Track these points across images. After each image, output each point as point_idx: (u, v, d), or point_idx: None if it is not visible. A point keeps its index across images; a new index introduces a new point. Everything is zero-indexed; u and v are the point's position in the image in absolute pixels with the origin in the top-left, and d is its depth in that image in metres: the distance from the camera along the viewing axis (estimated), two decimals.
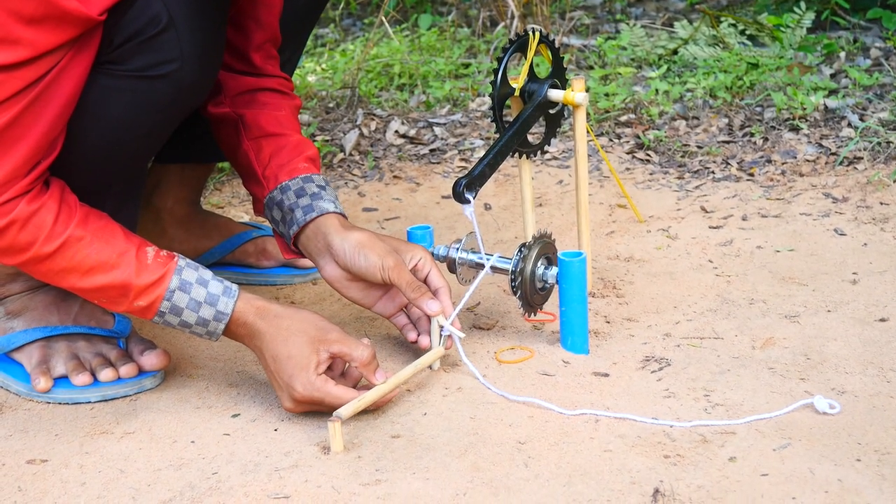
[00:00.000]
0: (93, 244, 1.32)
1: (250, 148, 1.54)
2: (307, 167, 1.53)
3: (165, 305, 1.35)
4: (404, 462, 1.25)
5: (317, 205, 1.50)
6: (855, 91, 2.53)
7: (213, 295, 1.36)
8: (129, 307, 1.35)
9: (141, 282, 1.33)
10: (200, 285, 1.36)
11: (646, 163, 2.32)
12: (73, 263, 1.32)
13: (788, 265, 1.78)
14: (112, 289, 1.33)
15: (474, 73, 2.97)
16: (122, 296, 1.34)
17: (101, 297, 1.35)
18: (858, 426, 1.27)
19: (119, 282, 1.33)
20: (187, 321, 1.36)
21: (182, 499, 1.21)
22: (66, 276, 1.32)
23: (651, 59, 2.92)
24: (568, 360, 1.49)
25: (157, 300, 1.35)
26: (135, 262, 1.33)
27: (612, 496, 1.16)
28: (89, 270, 1.32)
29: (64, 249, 1.31)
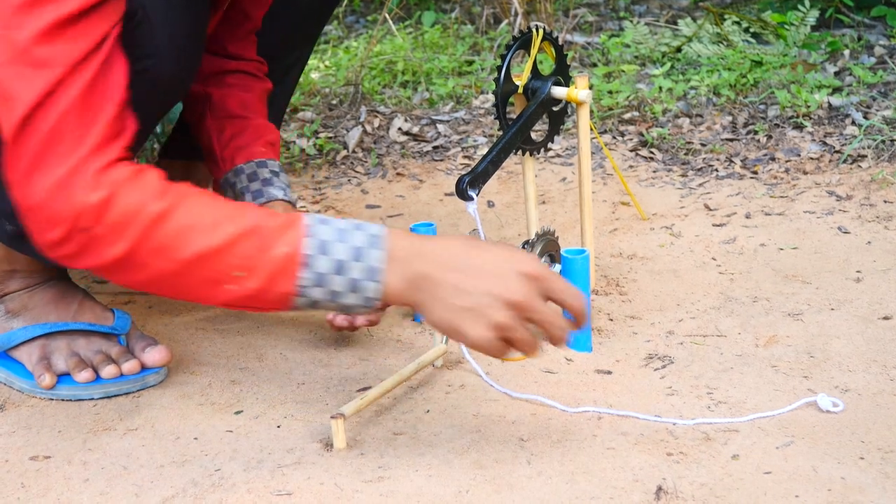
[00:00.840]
0: (205, 198, 1.16)
1: (213, 128, 1.55)
2: (264, 151, 1.54)
3: (311, 245, 1.13)
4: (407, 459, 1.25)
5: (266, 191, 1.51)
6: (859, 89, 2.52)
7: (358, 222, 1.18)
8: (272, 266, 1.13)
9: (273, 223, 1.15)
10: (336, 221, 1.17)
11: (649, 160, 2.32)
12: (193, 218, 1.14)
13: (792, 263, 1.78)
14: (246, 239, 1.13)
15: (478, 71, 2.96)
16: (260, 249, 1.13)
17: (236, 257, 1.13)
18: (862, 424, 1.27)
19: (251, 225, 1.14)
20: (341, 260, 1.14)
21: (185, 495, 1.21)
22: (189, 237, 1.13)
23: (655, 57, 2.92)
24: (571, 358, 1.48)
25: (299, 240, 1.13)
26: (258, 209, 1.18)
27: (614, 494, 1.16)
28: (214, 224, 1.14)
29: (179, 203, 1.14)
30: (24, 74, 1.11)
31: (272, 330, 1.65)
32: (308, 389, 1.45)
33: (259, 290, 1.14)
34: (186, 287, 1.16)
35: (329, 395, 1.42)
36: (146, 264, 1.14)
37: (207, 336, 1.64)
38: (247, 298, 1.15)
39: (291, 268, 1.14)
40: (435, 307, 1.15)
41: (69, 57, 1.12)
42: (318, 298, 1.15)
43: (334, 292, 1.14)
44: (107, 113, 1.15)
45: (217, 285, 1.15)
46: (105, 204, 1.11)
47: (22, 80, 1.11)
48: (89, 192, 1.11)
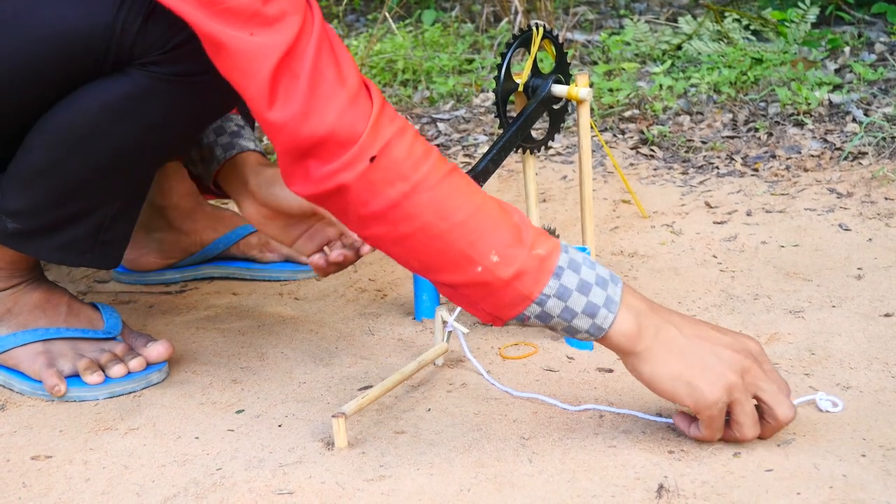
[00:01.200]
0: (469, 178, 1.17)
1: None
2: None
3: (563, 258, 1.14)
4: (408, 458, 1.25)
5: (236, 143, 1.49)
6: (860, 86, 2.52)
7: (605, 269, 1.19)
8: (526, 263, 1.13)
9: (535, 228, 1.16)
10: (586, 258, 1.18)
11: (650, 158, 2.31)
12: (473, 187, 1.15)
13: (793, 260, 1.78)
14: (513, 227, 1.14)
15: (478, 69, 2.96)
16: (521, 242, 1.13)
17: (499, 240, 1.13)
18: (863, 421, 1.27)
19: (519, 218, 1.16)
20: (587, 282, 1.14)
21: (186, 495, 1.21)
22: (469, 201, 1.13)
23: (655, 55, 2.91)
24: (572, 356, 1.48)
25: (556, 250, 1.15)
26: (515, 208, 1.18)
27: (616, 492, 1.16)
28: (486, 201, 1.15)
29: (458, 171, 1.16)
30: (265, 34, 1.10)
31: (273, 329, 1.65)
32: (309, 388, 1.45)
33: (504, 281, 1.13)
34: (439, 255, 1.14)
35: (330, 394, 1.42)
36: (416, 215, 1.13)
37: (208, 335, 1.64)
38: (485, 286, 1.14)
39: (542, 272, 1.14)
40: (668, 358, 1.16)
41: (296, 5, 1.12)
42: (551, 312, 1.15)
43: (570, 310, 1.15)
44: (345, 51, 1.15)
45: (468, 263, 1.13)
46: (397, 137, 1.12)
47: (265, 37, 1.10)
48: (383, 121, 1.12)
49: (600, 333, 1.17)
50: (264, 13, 1.11)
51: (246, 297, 1.78)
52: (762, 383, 1.17)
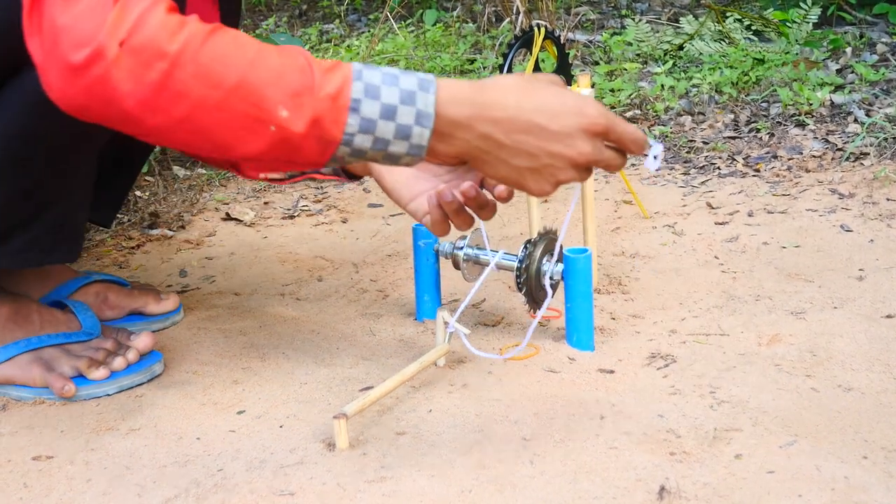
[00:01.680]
0: (238, 32, 1.07)
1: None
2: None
3: (359, 88, 1.05)
4: (409, 459, 1.25)
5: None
6: (861, 86, 2.52)
7: (410, 71, 1.10)
8: (319, 107, 1.04)
9: (320, 62, 1.06)
10: (383, 68, 1.09)
11: None
12: (239, 43, 1.05)
13: (794, 261, 1.78)
14: (294, 72, 1.04)
15: (479, 69, 2.96)
16: (307, 87, 1.04)
17: (283, 91, 1.04)
18: (865, 423, 1.27)
19: (298, 60, 1.06)
20: (390, 104, 1.06)
21: (187, 496, 1.21)
22: (235, 61, 1.03)
23: (656, 55, 2.91)
24: (573, 357, 1.48)
25: (347, 82, 1.05)
26: (298, 48, 1.08)
27: (617, 493, 1.15)
28: (260, 52, 1.05)
29: (221, 29, 1.05)
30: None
31: (274, 329, 1.65)
32: (310, 389, 1.44)
33: (301, 135, 1.05)
34: (227, 129, 1.05)
35: (331, 395, 1.42)
36: (186, 92, 1.03)
37: (210, 335, 1.64)
38: (289, 142, 1.06)
39: (338, 111, 1.05)
40: (498, 166, 1.11)
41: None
42: (362, 147, 1.07)
43: (381, 140, 1.07)
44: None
45: (258, 125, 1.05)
46: (143, 16, 1.02)
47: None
48: (129, 5, 1.02)
49: (422, 152, 1.08)
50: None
51: (247, 297, 1.78)
52: (598, 164, 1.13)
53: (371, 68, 1.08)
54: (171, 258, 2.01)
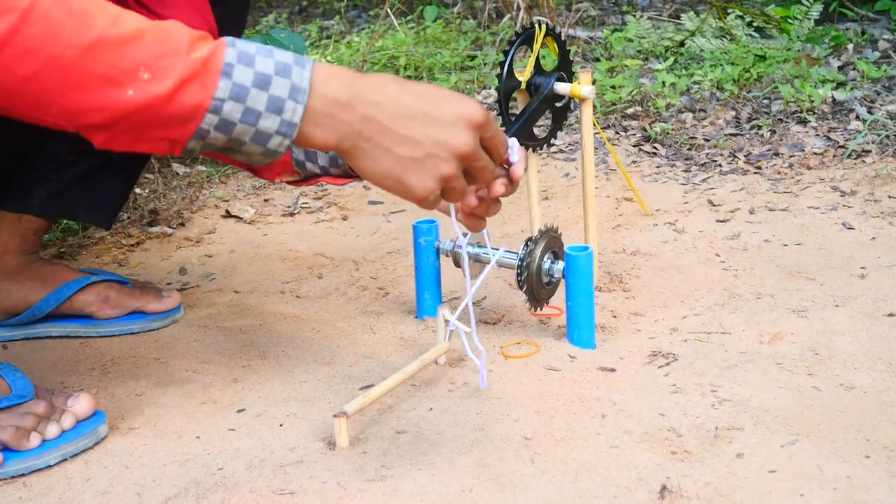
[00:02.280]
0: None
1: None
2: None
3: (233, 54, 0.99)
4: (410, 458, 1.24)
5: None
6: (863, 83, 2.51)
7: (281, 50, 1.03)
8: (185, 69, 0.97)
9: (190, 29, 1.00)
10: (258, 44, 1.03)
11: (652, 156, 2.31)
12: (97, 3, 0.97)
13: (796, 259, 1.77)
14: (158, 36, 0.97)
15: (480, 66, 2.96)
16: (173, 51, 0.97)
17: (145, 53, 0.96)
18: (867, 422, 1.26)
19: (166, 25, 0.99)
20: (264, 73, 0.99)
21: (187, 495, 1.20)
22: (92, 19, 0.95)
23: (658, 51, 2.91)
24: (574, 355, 1.48)
25: (220, 47, 0.99)
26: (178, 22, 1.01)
27: (618, 492, 1.15)
28: (121, 14, 0.97)
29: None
30: None
31: (274, 327, 1.64)
32: (310, 388, 1.44)
33: (163, 98, 0.97)
34: (77, 89, 0.96)
35: (331, 394, 1.42)
36: (35, 49, 0.94)
37: (209, 333, 1.63)
38: (149, 109, 0.97)
39: (208, 74, 0.98)
40: (380, 157, 1.04)
41: None
42: (231, 117, 0.99)
43: (252, 111, 0.99)
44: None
45: (114, 86, 0.96)
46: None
47: None
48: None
49: (293, 131, 1.01)
50: None
51: (247, 295, 1.78)
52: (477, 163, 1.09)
53: (246, 42, 1.02)
54: (171, 256, 2.01)
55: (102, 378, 1.51)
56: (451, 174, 1.07)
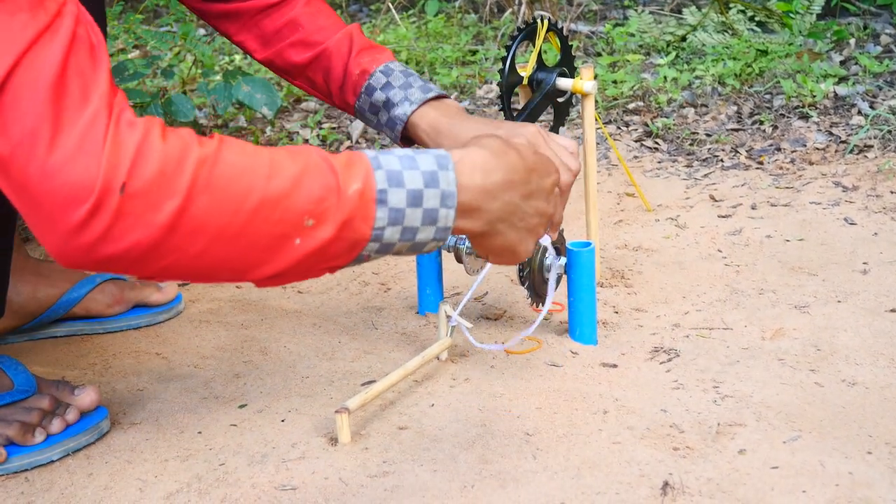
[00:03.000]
0: (246, 142, 0.96)
1: (354, 64, 1.42)
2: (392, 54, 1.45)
3: (382, 177, 0.97)
4: (412, 453, 1.24)
5: (432, 85, 1.41)
6: (865, 78, 2.51)
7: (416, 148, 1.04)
8: (346, 208, 0.94)
9: (336, 157, 0.97)
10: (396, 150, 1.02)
11: (654, 151, 2.30)
12: (247, 158, 0.92)
13: (798, 255, 1.77)
14: (312, 176, 0.94)
15: (481, 60, 2.95)
16: (329, 188, 0.94)
17: (306, 200, 0.93)
18: (869, 418, 1.26)
19: (314, 161, 0.95)
20: (416, 190, 0.98)
21: (189, 490, 1.20)
22: (250, 180, 0.91)
23: (659, 46, 2.90)
24: (576, 351, 1.48)
25: (369, 173, 0.96)
26: (308, 146, 0.98)
27: (621, 489, 1.15)
28: (272, 163, 0.93)
29: (225, 143, 0.93)
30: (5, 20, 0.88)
31: (276, 323, 1.64)
32: (312, 383, 1.44)
33: (331, 239, 0.95)
34: (249, 252, 0.93)
35: (333, 389, 1.42)
36: (203, 226, 0.90)
37: (211, 329, 1.63)
38: (316, 253, 0.96)
39: (367, 207, 0.96)
40: (507, 233, 1.08)
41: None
42: (391, 240, 0.99)
43: (411, 228, 0.99)
44: (105, 55, 0.92)
45: (285, 241, 0.94)
46: (141, 150, 0.87)
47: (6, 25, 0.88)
48: (121, 140, 0.87)
49: (447, 234, 1.03)
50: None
51: (248, 290, 1.78)
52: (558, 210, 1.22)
53: (385, 153, 1.00)
54: None
55: (104, 373, 1.51)
56: (541, 233, 1.14)
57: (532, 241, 1.12)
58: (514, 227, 1.08)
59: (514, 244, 1.10)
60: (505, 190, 1.05)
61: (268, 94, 2.26)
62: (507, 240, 1.09)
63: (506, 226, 1.07)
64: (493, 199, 1.04)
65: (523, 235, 1.10)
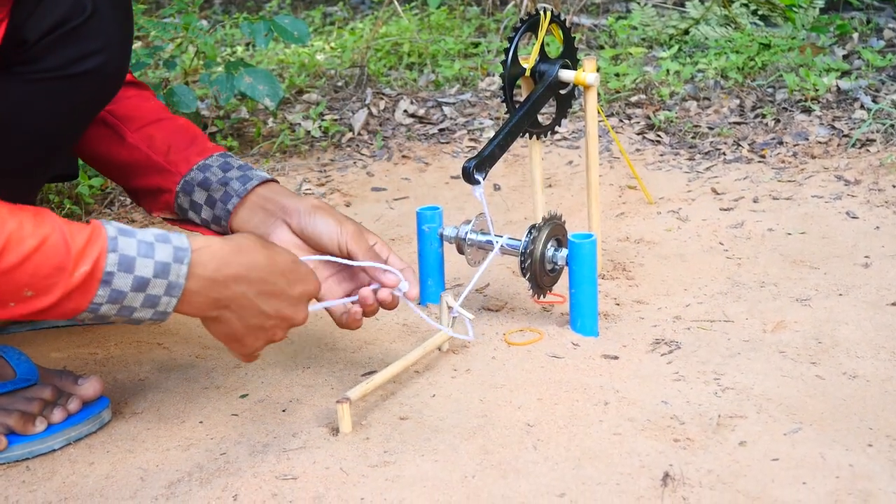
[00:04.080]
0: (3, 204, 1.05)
1: (138, 140, 1.41)
2: (215, 146, 1.44)
3: (113, 261, 1.06)
4: (413, 444, 1.25)
5: (253, 174, 1.40)
6: (868, 72, 2.51)
7: (166, 234, 1.12)
8: (69, 286, 1.05)
9: (76, 236, 1.05)
10: (139, 234, 1.10)
11: (656, 144, 2.30)
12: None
13: (800, 248, 1.77)
14: (44, 255, 1.03)
15: (484, 53, 2.95)
16: (59, 268, 1.04)
17: (31, 276, 1.03)
18: (870, 411, 1.26)
19: (52, 239, 1.04)
20: (142, 277, 1.08)
21: (190, 479, 1.20)
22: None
23: (662, 39, 2.90)
24: (577, 343, 1.48)
25: (101, 256, 1.06)
26: (57, 219, 1.07)
27: (621, 479, 1.15)
28: (11, 238, 1.03)
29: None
30: None
31: None
32: (313, 373, 1.44)
33: (46, 307, 1.06)
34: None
35: (334, 380, 1.42)
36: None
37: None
38: (28, 315, 1.07)
39: (89, 286, 1.07)
40: (232, 323, 1.17)
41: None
42: (107, 314, 1.10)
43: (128, 308, 1.10)
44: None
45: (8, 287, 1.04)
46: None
47: None
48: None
49: (165, 317, 1.13)
50: None
51: None
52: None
53: (128, 234, 1.09)
54: None
55: (106, 363, 1.51)
56: (282, 338, 1.23)
57: (262, 339, 1.21)
58: (242, 319, 1.17)
59: (239, 335, 1.19)
60: (237, 283, 1.14)
61: (270, 85, 2.26)
62: (231, 329, 1.18)
63: (233, 316, 1.17)
64: (223, 289, 1.14)
65: (252, 331, 1.19)
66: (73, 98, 1.21)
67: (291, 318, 1.21)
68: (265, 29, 2.28)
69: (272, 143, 2.44)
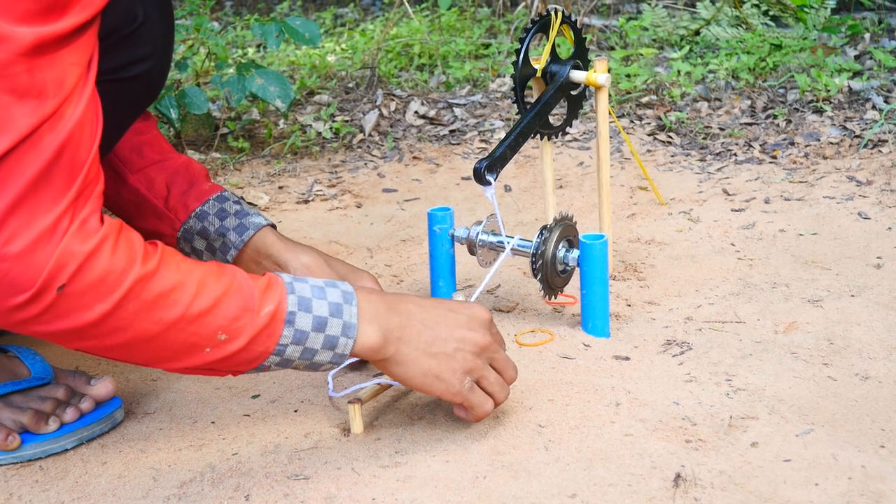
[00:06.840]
0: (184, 257, 1.10)
1: (138, 182, 1.43)
2: (212, 186, 1.44)
3: (294, 301, 1.11)
4: (424, 444, 1.25)
5: (249, 222, 1.42)
6: (880, 73, 2.50)
7: (329, 280, 1.17)
8: (257, 326, 1.09)
9: (256, 281, 1.11)
10: (309, 279, 1.15)
11: (667, 144, 2.30)
12: (180, 276, 1.06)
13: (811, 249, 1.77)
14: (231, 298, 1.08)
15: (494, 54, 2.95)
16: (246, 308, 1.08)
17: (222, 318, 1.08)
18: (882, 412, 1.26)
19: (236, 284, 1.09)
20: (321, 317, 1.12)
21: (202, 479, 1.21)
22: (177, 297, 1.05)
23: (673, 40, 2.90)
24: (588, 344, 1.48)
25: (283, 296, 1.11)
26: (235, 268, 1.12)
27: (632, 481, 1.15)
28: (201, 284, 1.07)
29: (165, 260, 1.06)
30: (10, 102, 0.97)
31: None
32: (325, 374, 1.44)
33: (237, 351, 1.10)
34: (161, 351, 1.09)
35: (346, 380, 1.42)
36: (124, 327, 1.05)
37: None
38: (221, 361, 1.10)
39: (275, 326, 1.11)
40: (416, 357, 1.18)
41: (62, 85, 1.00)
42: (292, 357, 1.13)
43: (310, 350, 1.13)
44: (91, 154, 1.03)
45: (195, 350, 1.09)
46: (89, 259, 1.01)
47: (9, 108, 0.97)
48: (72, 248, 1.00)
49: (343, 360, 1.16)
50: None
51: None
52: (495, 354, 1.23)
53: (299, 281, 1.14)
54: None
55: (118, 364, 1.52)
56: (475, 365, 1.20)
57: (458, 370, 1.19)
58: (420, 349, 1.18)
59: (430, 370, 1.18)
60: (403, 311, 1.18)
61: (281, 86, 2.27)
62: (419, 365, 1.18)
63: (410, 349, 1.18)
64: (392, 316, 1.17)
65: (438, 359, 1.18)
66: (118, 101, 1.20)
67: (470, 337, 1.20)
68: (276, 30, 2.28)
69: (283, 144, 2.45)
